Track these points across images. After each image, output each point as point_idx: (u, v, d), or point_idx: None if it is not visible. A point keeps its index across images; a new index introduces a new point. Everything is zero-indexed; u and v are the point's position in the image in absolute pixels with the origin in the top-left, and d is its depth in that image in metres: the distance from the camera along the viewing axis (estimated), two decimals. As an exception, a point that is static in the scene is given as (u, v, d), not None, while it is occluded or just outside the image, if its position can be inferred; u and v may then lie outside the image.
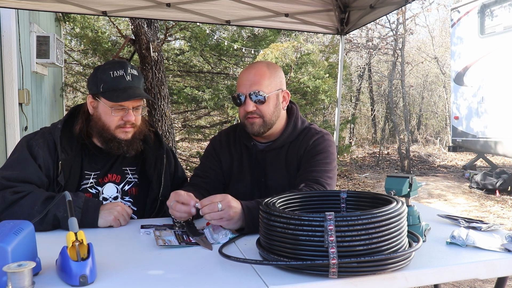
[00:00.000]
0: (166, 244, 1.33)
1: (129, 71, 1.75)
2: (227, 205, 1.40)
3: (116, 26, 7.80)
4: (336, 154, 1.89)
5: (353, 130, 14.40)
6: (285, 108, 1.89)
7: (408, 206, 1.36)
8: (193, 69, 9.47)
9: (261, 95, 1.76)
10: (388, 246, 1.05)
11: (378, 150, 11.89)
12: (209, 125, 10.05)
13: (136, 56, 6.55)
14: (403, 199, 1.30)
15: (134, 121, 1.77)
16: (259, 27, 7.03)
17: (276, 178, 1.86)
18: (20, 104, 4.85)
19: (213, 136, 2.12)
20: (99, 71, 1.76)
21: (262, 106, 1.78)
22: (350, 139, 13.75)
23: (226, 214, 1.40)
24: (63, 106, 7.41)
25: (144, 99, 1.84)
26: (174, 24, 7.38)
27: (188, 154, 9.78)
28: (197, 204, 1.43)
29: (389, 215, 1.06)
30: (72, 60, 9.72)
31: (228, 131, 2.02)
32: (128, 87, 1.73)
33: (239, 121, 1.99)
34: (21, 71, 4.84)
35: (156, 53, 5.98)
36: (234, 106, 7.51)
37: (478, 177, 7.31)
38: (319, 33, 5.33)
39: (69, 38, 9.11)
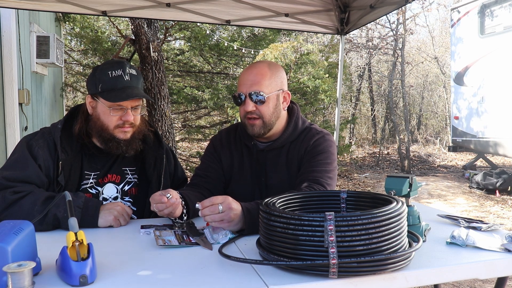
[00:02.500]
0: (166, 244, 1.33)
1: (127, 70, 1.74)
2: (228, 207, 1.40)
3: (116, 26, 7.81)
4: (336, 155, 1.89)
5: (353, 130, 14.39)
6: (286, 108, 1.89)
7: (408, 206, 1.36)
8: (193, 69, 9.47)
9: (261, 96, 1.75)
10: (388, 246, 1.05)
11: (378, 150, 11.88)
12: (209, 125, 10.05)
13: (136, 56, 6.55)
14: (403, 199, 1.30)
15: (133, 121, 1.77)
16: (259, 27, 7.03)
17: (277, 177, 1.86)
18: (20, 104, 4.85)
19: (213, 135, 2.11)
20: (97, 71, 1.76)
21: (262, 106, 1.77)
22: (350, 139, 13.75)
23: (226, 216, 1.40)
24: (63, 106, 7.41)
25: (144, 99, 1.83)
26: (174, 24, 7.38)
27: (188, 154, 9.78)
28: (197, 205, 1.43)
29: (389, 215, 1.06)
30: (72, 60, 9.72)
31: (229, 130, 2.02)
32: (126, 87, 1.72)
33: (238, 120, 1.99)
34: (21, 71, 4.84)
35: (156, 53, 5.99)
36: (234, 106, 7.51)
37: (478, 177, 7.31)
38: (319, 33, 5.35)
39: (69, 38, 9.11)
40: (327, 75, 7.67)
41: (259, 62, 1.90)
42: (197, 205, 1.44)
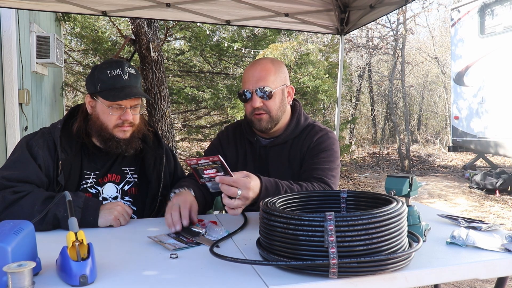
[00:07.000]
0: (177, 247, 1.31)
1: (126, 70, 1.74)
2: (245, 196, 1.40)
3: (116, 26, 7.81)
4: (339, 152, 1.91)
5: (353, 130, 14.39)
6: (290, 103, 1.92)
7: (408, 206, 1.36)
8: (193, 69, 9.47)
9: (267, 91, 1.78)
10: (388, 246, 1.05)
11: (378, 150, 11.88)
12: (209, 125, 10.04)
13: (136, 56, 6.55)
14: (403, 199, 1.30)
15: (132, 120, 1.77)
16: (259, 27, 7.03)
17: (279, 173, 1.86)
18: (20, 104, 4.85)
19: (216, 132, 2.14)
20: (96, 70, 1.76)
21: (269, 101, 1.80)
22: (350, 139, 13.74)
23: (244, 201, 1.41)
24: (63, 106, 7.41)
25: (143, 98, 1.83)
26: (174, 24, 7.38)
27: (188, 154, 9.78)
28: (211, 183, 1.44)
29: (389, 215, 1.06)
30: (72, 60, 9.72)
31: (235, 127, 2.05)
32: (125, 86, 1.72)
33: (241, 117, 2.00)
34: (21, 71, 4.84)
35: (156, 53, 5.99)
36: (234, 106, 7.51)
37: (478, 177, 7.31)
38: (319, 33, 5.35)
39: (69, 38, 9.11)
40: (327, 75, 7.67)
41: (262, 58, 1.93)
42: (211, 182, 1.44)
